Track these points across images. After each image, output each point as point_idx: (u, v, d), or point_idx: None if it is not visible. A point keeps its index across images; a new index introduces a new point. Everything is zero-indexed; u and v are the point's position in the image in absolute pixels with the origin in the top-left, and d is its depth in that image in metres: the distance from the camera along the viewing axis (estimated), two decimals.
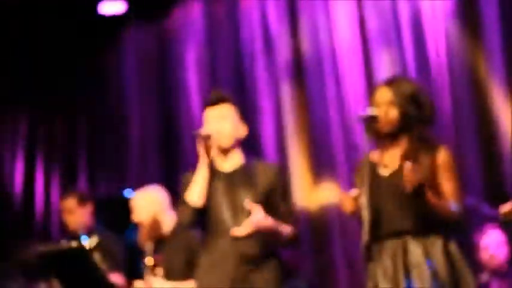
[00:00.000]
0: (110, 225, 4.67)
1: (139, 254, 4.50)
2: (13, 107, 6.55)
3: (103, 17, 6.00)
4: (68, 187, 5.34)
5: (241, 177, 2.77)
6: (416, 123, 2.43)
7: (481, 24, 4.65)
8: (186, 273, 3.19)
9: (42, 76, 6.28)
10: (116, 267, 3.54)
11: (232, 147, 2.83)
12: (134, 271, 3.79)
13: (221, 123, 2.80)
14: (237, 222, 2.69)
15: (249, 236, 2.66)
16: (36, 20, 5.91)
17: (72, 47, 6.17)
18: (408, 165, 2.27)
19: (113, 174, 6.16)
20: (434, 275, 2.33)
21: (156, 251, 3.32)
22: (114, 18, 6.08)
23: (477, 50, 4.71)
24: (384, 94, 2.47)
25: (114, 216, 5.11)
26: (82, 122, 6.40)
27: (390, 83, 2.50)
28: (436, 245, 2.38)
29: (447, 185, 2.43)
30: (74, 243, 2.86)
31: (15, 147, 6.51)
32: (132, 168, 6.04)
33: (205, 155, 2.75)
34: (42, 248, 3.07)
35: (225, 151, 2.82)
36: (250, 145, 5.41)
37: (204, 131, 2.73)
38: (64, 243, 3.10)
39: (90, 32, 6.11)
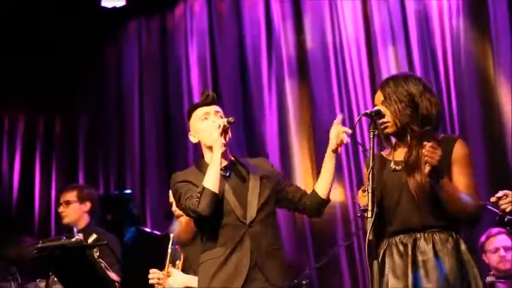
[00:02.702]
0: (108, 224, 4.64)
1: (137, 252, 4.48)
2: (11, 103, 6.51)
3: (104, 11, 5.95)
4: (66, 183, 5.30)
5: (240, 170, 2.80)
6: (411, 123, 2.40)
7: (489, 21, 4.60)
8: None
9: (41, 72, 6.23)
10: (113, 265, 3.51)
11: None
12: (131, 269, 3.76)
13: (222, 119, 2.80)
14: (244, 213, 2.70)
15: (267, 225, 2.71)
16: (36, 15, 5.86)
17: (72, 42, 6.13)
18: (428, 144, 2.23)
19: (112, 173, 6.12)
20: (443, 274, 2.28)
21: (187, 245, 3.29)
22: (115, 13, 6.03)
23: (485, 47, 4.66)
24: (378, 96, 2.49)
25: (112, 215, 5.08)
26: (81, 119, 6.35)
27: (383, 85, 2.50)
28: (447, 243, 2.33)
29: (462, 179, 2.36)
30: (72, 240, 2.83)
31: (13, 144, 6.47)
32: (132, 167, 5.99)
33: (223, 146, 2.73)
34: (40, 243, 3.04)
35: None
36: (253, 142, 5.46)
37: (228, 119, 2.75)
38: (63, 240, 3.06)
39: (91, 27, 6.07)
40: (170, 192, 3.41)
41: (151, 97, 6.04)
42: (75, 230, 3.57)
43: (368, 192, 2.30)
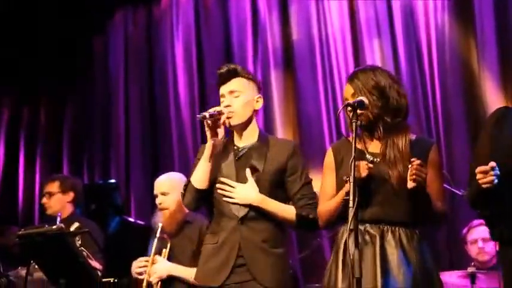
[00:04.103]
0: (92, 213, 4.62)
1: (120, 242, 4.46)
2: None
3: (91, 1, 5.92)
4: (51, 173, 5.28)
5: (251, 156, 2.68)
6: (383, 114, 2.41)
7: (474, 15, 4.64)
8: (193, 262, 3.16)
9: (27, 59, 6.18)
10: (95, 254, 3.52)
11: (245, 123, 2.70)
12: (115, 258, 3.75)
13: (231, 100, 2.68)
14: (251, 210, 2.61)
15: (259, 222, 2.62)
16: (22, 3, 5.81)
17: (59, 30, 6.08)
18: (416, 162, 2.26)
19: (97, 163, 6.09)
20: (410, 268, 2.33)
21: (173, 236, 3.32)
22: (102, 3, 6.00)
23: (469, 41, 4.70)
24: (347, 89, 2.49)
25: (97, 205, 5.07)
26: (66, 109, 6.31)
27: (351, 78, 2.50)
28: (413, 240, 2.38)
29: (435, 185, 2.42)
30: (54, 227, 2.82)
31: None
32: (117, 157, 5.97)
33: (211, 137, 2.63)
34: (21, 231, 3.03)
35: (238, 129, 2.72)
36: None
37: (209, 111, 2.61)
38: (44, 227, 3.05)
39: (78, 15, 6.02)
40: (155, 184, 3.40)
41: (137, 87, 6.02)
42: (58, 219, 3.58)
43: (350, 182, 2.31)
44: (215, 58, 5.58)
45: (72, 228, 3.28)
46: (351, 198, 2.28)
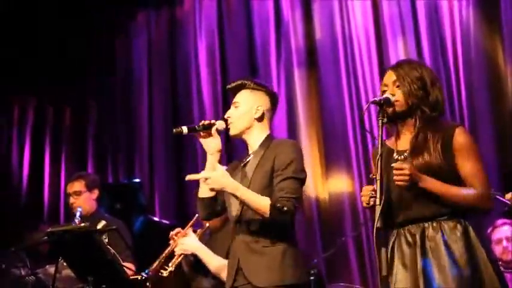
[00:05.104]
0: (117, 213, 4.66)
1: (145, 241, 4.50)
2: (21, 94, 6.53)
3: (113, 2, 5.97)
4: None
5: (253, 162, 2.72)
6: (422, 105, 2.40)
7: (500, 10, 4.58)
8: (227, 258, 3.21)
9: (51, 63, 6.26)
10: (123, 252, 3.52)
11: (244, 132, 2.77)
12: (140, 257, 3.77)
13: (232, 111, 2.79)
14: (244, 210, 2.64)
15: (252, 222, 2.62)
16: (45, 4, 5.87)
17: (82, 33, 6.15)
18: (397, 165, 2.27)
19: (121, 162, 6.14)
20: (453, 259, 2.27)
21: (216, 231, 3.35)
22: (124, 4, 6.05)
23: (494, 37, 4.65)
24: (390, 76, 2.48)
25: (121, 204, 5.11)
26: (91, 110, 6.37)
27: (396, 66, 2.51)
28: (455, 230, 2.31)
29: (467, 167, 2.35)
30: (82, 225, 2.85)
31: (23, 134, 6.50)
32: (141, 157, 6.01)
33: (207, 148, 2.74)
34: (51, 229, 3.06)
35: (239, 138, 2.79)
36: None
37: (201, 123, 2.73)
38: (72, 225, 3.08)
39: (101, 18, 6.08)
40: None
41: (160, 88, 6.05)
42: (78, 213, 3.60)
43: (376, 180, 2.30)
44: (238, 59, 5.59)
45: (99, 226, 3.30)
46: (378, 196, 2.27)
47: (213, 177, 2.56)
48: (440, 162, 2.32)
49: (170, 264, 3.31)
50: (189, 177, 2.63)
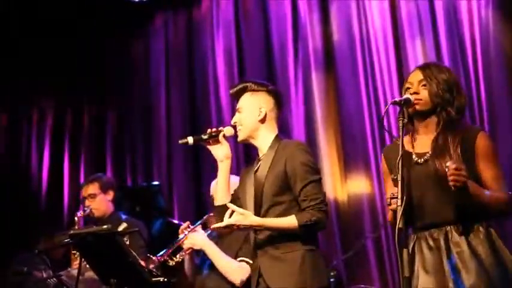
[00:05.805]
0: (136, 215, 4.69)
1: (164, 244, 4.52)
2: (40, 97, 6.60)
3: (131, 5, 6.01)
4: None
5: (264, 166, 2.73)
6: (447, 106, 2.41)
7: None
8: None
9: (69, 66, 6.31)
10: (143, 253, 3.55)
11: (251, 136, 2.79)
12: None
13: (236, 117, 2.80)
14: (256, 213, 2.67)
15: (263, 234, 2.65)
16: (64, 6, 5.91)
17: (100, 34, 6.20)
18: (452, 165, 2.21)
19: (140, 165, 6.18)
20: (479, 262, 2.27)
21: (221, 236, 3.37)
22: (142, 7, 6.09)
23: None
24: (417, 75, 2.49)
25: (140, 207, 5.14)
26: (109, 112, 6.41)
27: (424, 66, 2.53)
28: (479, 232, 2.32)
29: (489, 171, 2.36)
30: (104, 227, 2.88)
31: (42, 137, 6.56)
32: (159, 159, 6.04)
33: (216, 156, 2.78)
34: (72, 231, 3.09)
35: (248, 142, 2.81)
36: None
37: (205, 134, 2.79)
38: (94, 227, 3.12)
39: (119, 19, 6.12)
40: (211, 186, 3.46)
41: (178, 89, 6.08)
42: (87, 210, 3.64)
43: (397, 181, 2.30)
44: (256, 60, 5.60)
45: (120, 228, 3.33)
46: (399, 197, 2.27)
47: (240, 220, 2.60)
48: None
49: (178, 256, 3.35)
50: (213, 226, 2.69)
